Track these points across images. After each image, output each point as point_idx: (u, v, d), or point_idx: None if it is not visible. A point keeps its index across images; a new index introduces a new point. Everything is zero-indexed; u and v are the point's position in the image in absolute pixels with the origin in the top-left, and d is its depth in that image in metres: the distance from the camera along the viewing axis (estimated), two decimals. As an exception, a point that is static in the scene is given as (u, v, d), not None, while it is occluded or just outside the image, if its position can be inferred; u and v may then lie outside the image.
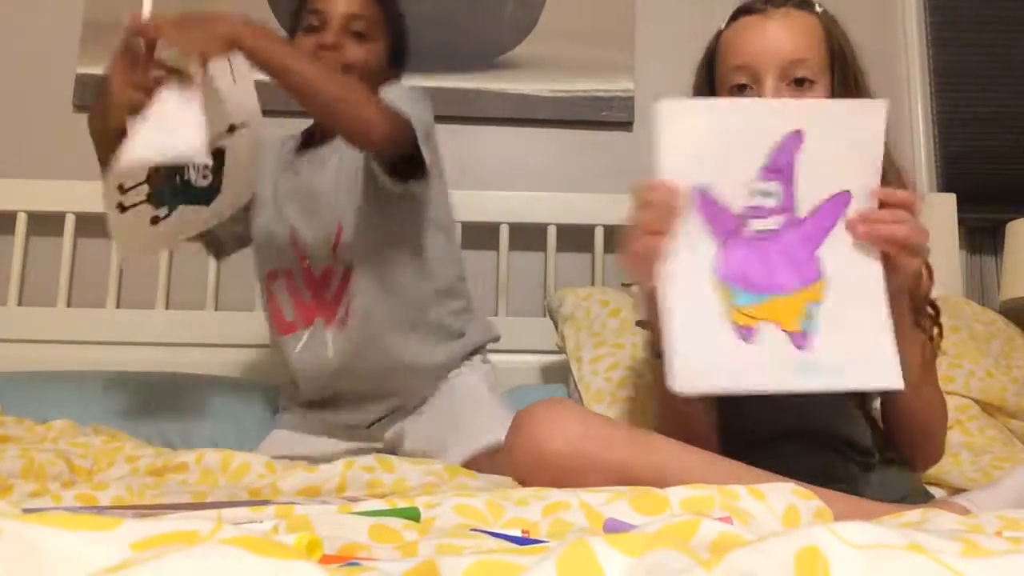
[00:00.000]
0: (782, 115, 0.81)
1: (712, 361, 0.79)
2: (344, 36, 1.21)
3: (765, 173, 0.80)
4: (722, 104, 0.88)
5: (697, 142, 0.80)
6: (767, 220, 0.81)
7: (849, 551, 0.30)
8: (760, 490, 0.56)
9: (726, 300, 0.80)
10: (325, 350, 1.23)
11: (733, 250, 0.80)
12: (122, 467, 0.92)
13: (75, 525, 0.30)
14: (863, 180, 0.79)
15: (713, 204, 0.81)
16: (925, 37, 2.03)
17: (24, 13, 1.94)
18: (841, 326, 0.78)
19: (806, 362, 0.78)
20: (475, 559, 0.30)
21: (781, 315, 0.79)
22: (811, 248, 0.80)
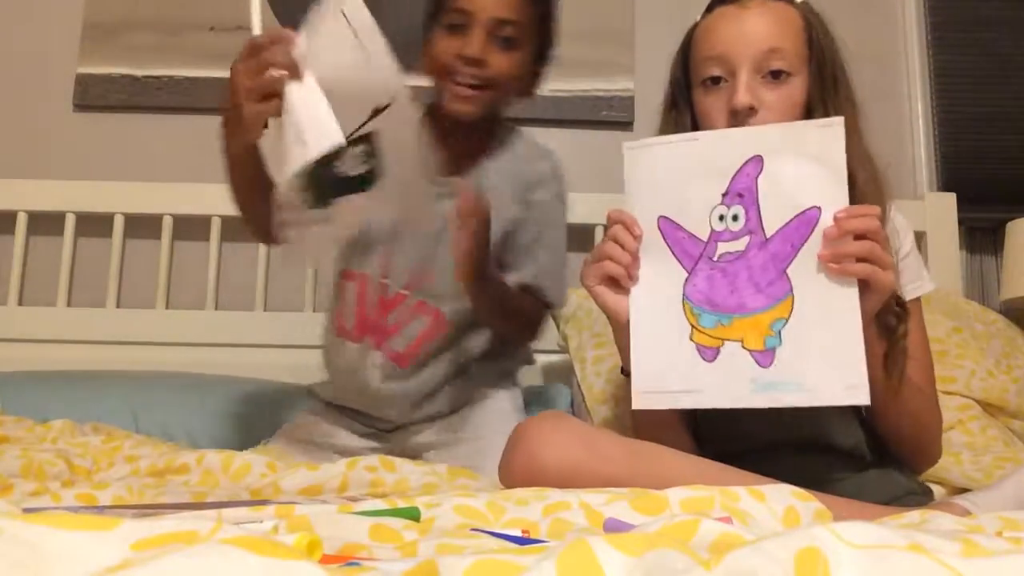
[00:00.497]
0: (738, 144, 0.83)
1: (672, 380, 0.82)
2: (490, 45, 1.08)
3: (728, 199, 0.83)
4: (679, 139, 0.89)
5: (657, 176, 0.86)
6: (733, 242, 0.82)
7: (849, 551, 0.30)
8: (760, 491, 0.56)
9: (691, 322, 0.83)
10: (367, 373, 1.19)
11: (700, 273, 0.84)
12: (122, 467, 0.92)
13: (75, 525, 0.30)
14: (831, 196, 0.79)
15: (678, 231, 0.85)
16: (925, 37, 2.03)
17: (24, 13, 1.94)
18: (806, 342, 0.78)
19: (767, 379, 0.79)
20: (475, 559, 0.30)
21: (745, 334, 0.81)
22: (779, 267, 0.80)
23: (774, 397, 0.79)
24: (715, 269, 0.83)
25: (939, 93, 2.01)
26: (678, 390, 0.82)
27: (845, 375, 0.76)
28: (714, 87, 0.92)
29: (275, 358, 1.72)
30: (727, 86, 0.91)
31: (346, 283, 1.23)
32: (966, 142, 2.00)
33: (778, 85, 0.90)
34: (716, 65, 0.92)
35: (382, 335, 1.20)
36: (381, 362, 1.19)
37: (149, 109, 1.91)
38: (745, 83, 0.89)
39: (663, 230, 0.85)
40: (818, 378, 0.77)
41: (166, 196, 1.82)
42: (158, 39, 1.92)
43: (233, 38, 1.93)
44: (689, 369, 0.82)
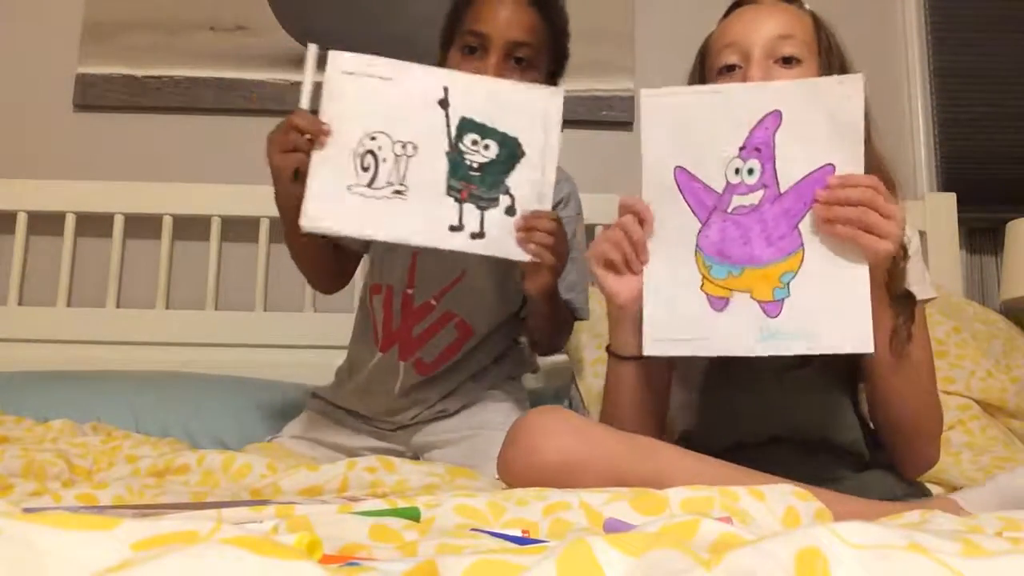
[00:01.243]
0: (758, 97, 0.84)
1: (681, 327, 0.85)
2: (506, 67, 1.12)
3: (745, 152, 0.84)
4: (699, 89, 0.91)
5: (676, 126, 0.86)
6: (748, 196, 0.84)
7: (849, 551, 0.30)
8: (760, 491, 0.56)
9: (702, 272, 0.85)
10: (392, 382, 1.21)
11: (713, 225, 0.85)
12: (122, 467, 0.92)
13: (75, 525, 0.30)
14: (846, 153, 0.81)
15: (694, 182, 0.86)
16: (925, 37, 2.03)
17: (24, 13, 1.94)
18: (814, 294, 0.80)
19: (774, 328, 0.81)
20: (475, 559, 0.30)
21: (754, 285, 0.83)
22: (791, 221, 0.82)
23: (780, 346, 0.81)
24: (728, 221, 0.84)
25: (939, 93, 2.01)
26: (687, 338, 0.85)
27: (851, 326, 0.79)
28: (728, 74, 0.95)
29: (275, 358, 1.72)
30: (741, 71, 0.94)
31: (373, 295, 1.25)
32: (966, 142, 2.00)
33: (789, 69, 0.92)
34: (731, 52, 0.94)
35: (409, 346, 1.21)
36: (405, 372, 1.21)
37: (149, 109, 1.91)
38: (758, 62, 0.92)
39: (679, 180, 0.86)
40: (824, 328, 0.80)
41: (166, 196, 1.82)
42: (158, 39, 1.92)
43: (233, 38, 1.93)
44: (698, 318, 0.84)
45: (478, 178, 1.01)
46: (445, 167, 1.01)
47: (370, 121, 1.01)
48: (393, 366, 1.21)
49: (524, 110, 1.02)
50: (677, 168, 0.86)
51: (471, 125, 1.02)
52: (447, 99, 1.01)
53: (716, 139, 0.85)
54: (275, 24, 1.93)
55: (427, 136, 1.01)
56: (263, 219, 1.78)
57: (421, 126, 1.01)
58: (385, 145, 1.01)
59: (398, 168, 1.00)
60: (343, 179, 1.00)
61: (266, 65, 1.92)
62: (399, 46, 1.76)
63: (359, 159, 1.00)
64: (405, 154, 1.01)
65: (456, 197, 1.00)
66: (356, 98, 1.02)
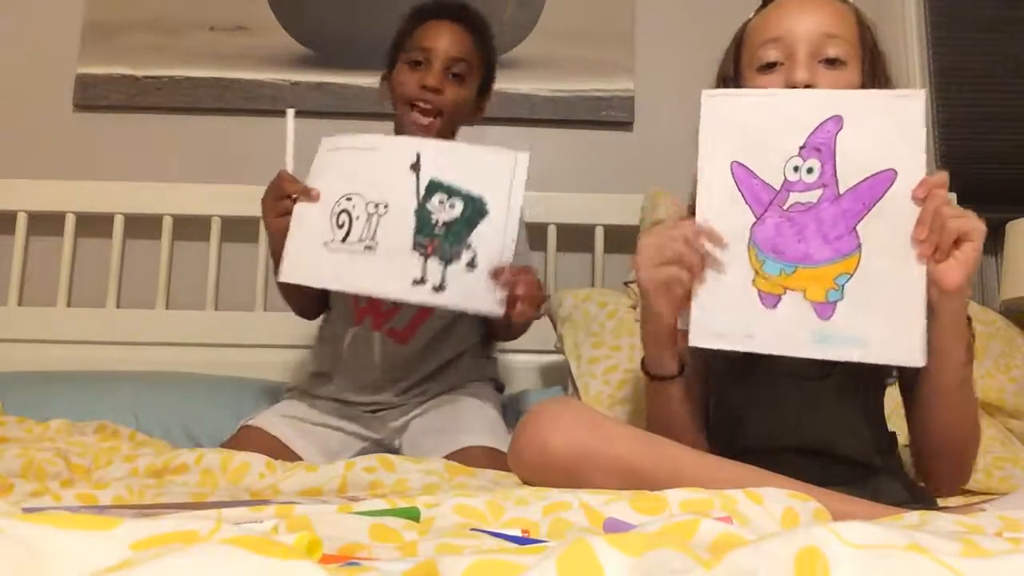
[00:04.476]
0: (819, 103, 0.84)
1: (730, 321, 0.83)
2: (445, 78, 1.27)
3: (805, 151, 0.83)
4: (761, 92, 0.90)
5: (735, 124, 0.86)
6: (806, 193, 0.83)
7: (849, 551, 0.30)
8: (757, 493, 0.56)
9: (754, 267, 0.84)
10: (371, 354, 1.29)
11: (768, 220, 0.84)
12: (121, 466, 0.92)
13: (75, 525, 0.30)
14: (908, 162, 0.80)
15: (752, 177, 0.85)
16: (925, 37, 2.03)
17: (24, 13, 1.94)
18: (868, 299, 0.79)
19: (826, 331, 0.80)
20: (475, 559, 0.30)
21: (808, 285, 0.82)
22: (849, 222, 0.81)
23: (832, 350, 0.80)
24: (784, 218, 0.83)
25: (939, 93, 2.01)
26: (734, 333, 0.83)
27: (904, 336, 0.77)
28: (769, 71, 0.93)
29: (275, 358, 1.72)
30: (783, 68, 0.91)
31: None
32: (966, 142, 2.00)
33: (834, 70, 0.91)
34: (774, 48, 0.92)
35: (380, 317, 1.29)
36: (381, 341, 1.29)
37: (149, 109, 1.91)
38: (803, 61, 0.90)
39: (736, 174, 0.86)
40: (877, 336, 0.78)
41: (166, 196, 1.82)
42: (158, 39, 1.92)
43: (233, 38, 1.93)
44: (748, 314, 0.83)
45: (442, 234, 1.08)
46: (412, 224, 1.09)
47: (349, 185, 1.12)
48: (368, 337, 1.29)
49: (490, 171, 1.09)
50: (734, 163, 0.86)
51: (439, 186, 1.09)
52: (419, 163, 1.10)
53: (776, 137, 0.85)
54: (275, 24, 1.93)
55: (398, 196, 1.10)
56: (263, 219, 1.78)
57: (393, 188, 1.10)
58: (359, 204, 1.10)
59: (370, 225, 1.10)
60: (320, 235, 1.10)
61: (266, 65, 1.92)
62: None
63: (335, 217, 1.11)
64: (377, 213, 1.10)
65: (422, 252, 1.08)
66: (341, 168, 1.13)
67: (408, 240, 1.08)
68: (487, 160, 1.10)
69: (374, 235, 1.09)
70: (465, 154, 1.11)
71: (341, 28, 1.93)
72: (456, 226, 1.08)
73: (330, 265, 1.09)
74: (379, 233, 1.09)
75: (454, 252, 1.08)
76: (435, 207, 1.09)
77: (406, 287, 1.07)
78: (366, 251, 1.08)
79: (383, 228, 1.09)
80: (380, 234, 1.09)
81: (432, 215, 1.08)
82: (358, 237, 1.09)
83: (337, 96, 1.89)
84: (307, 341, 1.72)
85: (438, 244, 1.07)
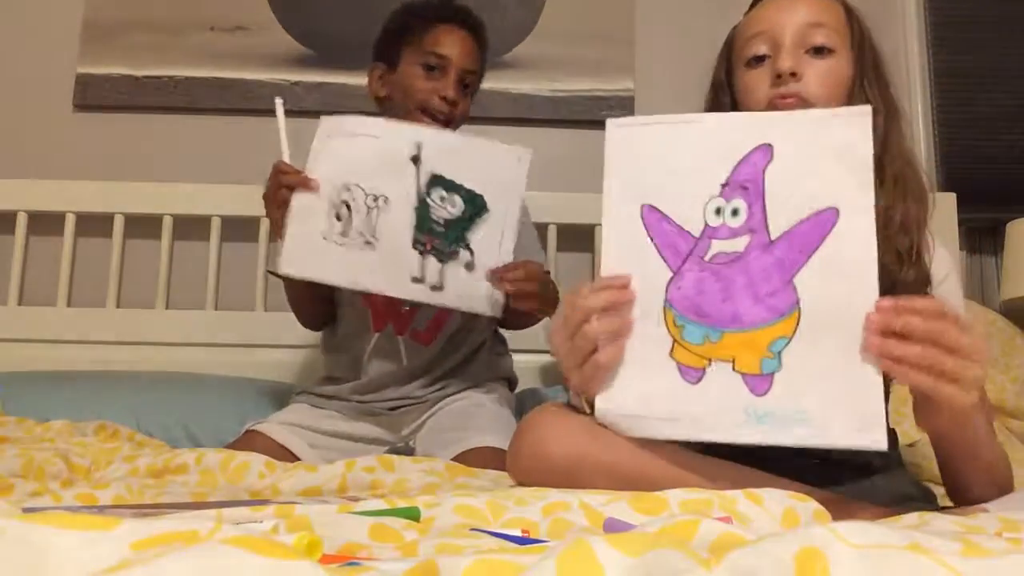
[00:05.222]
0: (745, 130, 0.72)
1: (645, 402, 0.71)
2: (458, 88, 1.28)
3: (728, 190, 0.71)
4: (674, 118, 0.76)
5: (647, 159, 0.74)
6: (731, 241, 0.70)
7: (849, 551, 0.30)
8: (757, 494, 0.56)
9: (672, 334, 0.71)
10: (398, 356, 1.27)
11: (687, 275, 0.71)
12: (121, 466, 0.92)
13: (75, 525, 0.30)
14: (851, 196, 0.67)
15: (665, 222, 0.72)
16: (925, 37, 2.03)
17: (24, 13, 1.94)
18: (812, 368, 0.66)
19: (764, 409, 0.67)
20: (475, 559, 0.30)
21: (737, 353, 0.69)
22: (786, 275, 0.68)
23: (770, 432, 0.67)
24: (706, 271, 0.70)
25: (939, 93, 2.01)
26: (652, 416, 0.71)
27: (858, 412, 0.65)
28: (758, 64, 0.91)
29: (275, 358, 1.72)
30: (770, 61, 0.90)
31: None
32: (966, 142, 2.00)
33: (821, 59, 0.89)
34: (760, 41, 0.91)
35: (401, 320, 1.28)
36: (406, 344, 1.28)
37: (149, 109, 1.91)
38: (788, 50, 0.88)
39: (646, 220, 0.73)
40: (824, 413, 0.66)
41: (166, 196, 1.82)
42: (158, 39, 1.92)
43: (233, 38, 1.93)
44: (668, 392, 0.70)
45: (441, 232, 1.07)
46: (412, 221, 1.08)
47: (348, 175, 1.09)
48: (393, 342, 1.27)
49: (492, 169, 1.08)
50: (645, 206, 0.73)
51: (440, 181, 1.08)
52: (419, 155, 1.08)
53: (694, 173, 0.72)
54: (275, 24, 1.93)
55: (398, 190, 1.08)
56: (263, 219, 1.78)
57: (393, 180, 1.08)
58: (359, 197, 1.09)
59: (369, 220, 1.08)
60: (319, 228, 1.09)
61: (266, 65, 1.92)
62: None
63: (335, 210, 1.09)
64: (376, 207, 1.09)
65: (420, 250, 1.08)
66: (340, 155, 1.10)
67: (407, 237, 1.07)
68: (489, 156, 1.08)
69: (374, 230, 1.08)
70: (467, 148, 1.10)
71: (341, 28, 1.93)
72: (456, 225, 1.07)
73: (328, 259, 1.08)
74: (379, 228, 1.08)
75: (452, 252, 1.08)
76: (435, 204, 1.08)
77: (404, 285, 1.07)
78: (365, 246, 1.08)
79: (383, 223, 1.08)
80: (380, 229, 1.08)
81: (432, 212, 1.08)
82: (358, 231, 1.08)
83: (337, 96, 1.89)
84: (307, 341, 1.72)
85: (437, 242, 1.07)
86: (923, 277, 0.88)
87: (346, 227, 1.09)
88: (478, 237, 1.07)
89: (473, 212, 1.07)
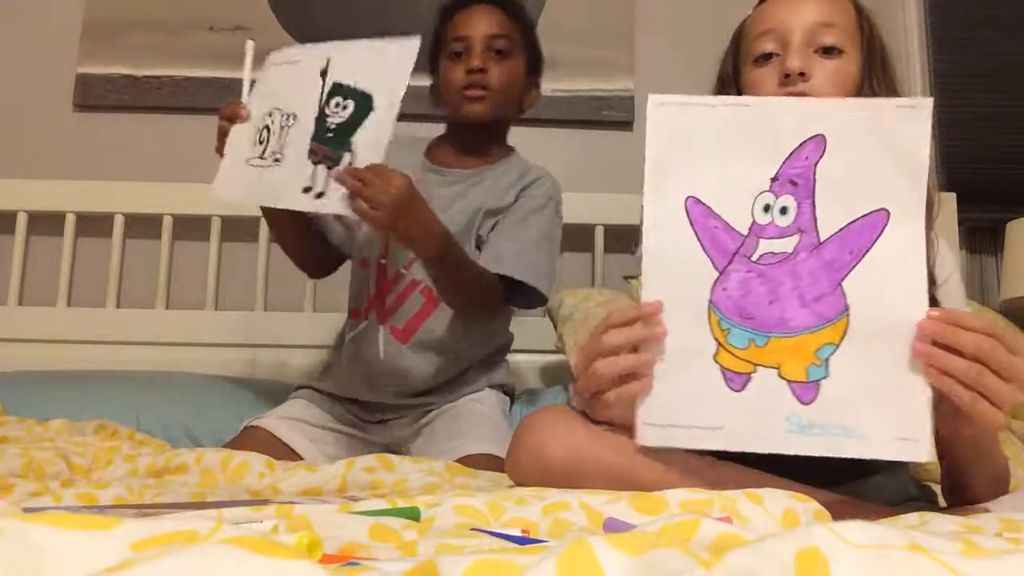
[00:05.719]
0: (797, 117, 0.68)
1: (688, 411, 0.68)
2: (488, 58, 1.26)
3: (778, 185, 0.67)
4: (723, 100, 0.74)
5: (692, 144, 0.70)
6: (779, 241, 0.67)
7: (849, 551, 0.30)
8: (757, 494, 0.56)
9: (717, 337, 0.68)
10: (375, 347, 1.26)
11: (733, 276, 0.68)
12: (121, 466, 0.92)
13: (75, 525, 0.30)
14: (902, 198, 0.64)
15: (711, 218, 0.69)
16: (925, 37, 2.03)
17: (24, 13, 1.94)
18: (860, 377, 0.64)
19: (807, 419, 0.65)
20: (475, 559, 0.30)
21: (784, 359, 0.66)
22: (835, 278, 0.65)
23: (814, 443, 0.65)
24: (753, 271, 0.67)
25: (939, 93, 2.01)
26: (696, 424, 0.67)
27: (904, 422, 0.63)
28: (765, 63, 0.90)
29: (275, 358, 1.72)
30: (778, 59, 0.89)
31: (359, 268, 1.33)
32: (966, 142, 2.00)
33: (830, 59, 0.88)
34: (769, 40, 0.90)
35: (384, 312, 1.28)
36: (384, 337, 1.26)
37: (149, 109, 1.91)
38: (797, 49, 0.87)
39: (691, 214, 0.69)
40: (871, 424, 0.63)
41: (166, 196, 1.82)
42: (158, 39, 1.92)
43: (233, 38, 1.93)
44: (711, 399, 0.67)
45: (331, 139, 1.05)
46: (311, 131, 1.07)
47: (272, 100, 1.12)
48: (373, 330, 1.27)
49: (382, 66, 1.05)
50: (690, 198, 0.69)
51: (339, 89, 1.07)
52: (327, 68, 1.09)
53: (741, 166, 0.68)
54: (275, 24, 1.93)
55: (304, 105, 1.09)
56: (263, 219, 1.78)
57: (302, 97, 1.09)
58: (276, 119, 1.11)
59: (280, 138, 1.10)
60: (244, 153, 1.11)
61: (266, 65, 1.92)
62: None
63: (258, 134, 1.11)
64: (287, 124, 1.10)
65: (313, 159, 1.06)
66: (270, 84, 1.14)
67: (305, 148, 1.07)
68: (379, 53, 1.06)
69: (283, 147, 1.09)
70: (362, 51, 1.08)
71: (340, 28, 1.93)
72: (345, 129, 1.05)
73: (248, 180, 1.10)
74: (286, 145, 1.09)
75: (336, 156, 1.04)
76: (331, 111, 1.07)
77: (296, 196, 1.06)
78: (274, 164, 1.09)
79: (289, 139, 1.09)
80: (287, 146, 1.09)
81: (328, 119, 1.07)
82: (271, 152, 1.09)
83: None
84: (308, 341, 1.72)
85: (327, 150, 1.06)
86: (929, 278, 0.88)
87: (264, 149, 1.10)
88: (361, 137, 1.03)
89: (361, 112, 1.05)
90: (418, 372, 1.27)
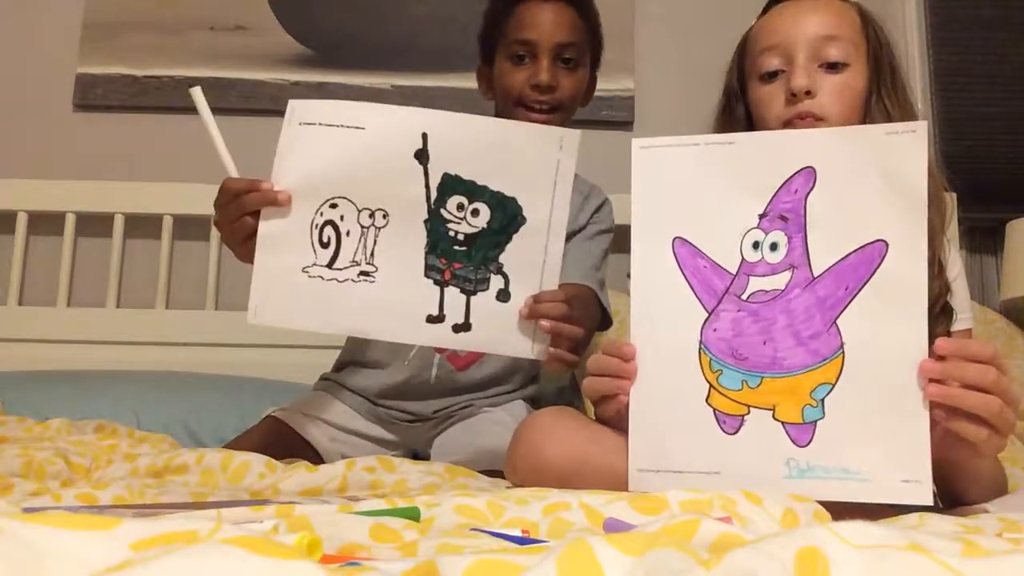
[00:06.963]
0: (785, 150, 0.67)
1: (681, 456, 0.67)
2: (556, 70, 1.14)
3: (767, 221, 0.67)
4: (707, 139, 0.72)
5: (677, 186, 0.69)
6: (770, 278, 0.66)
7: (849, 551, 0.30)
8: (757, 495, 0.56)
9: (708, 380, 0.67)
10: (427, 370, 1.21)
11: (724, 316, 0.67)
12: (121, 466, 0.92)
13: (75, 525, 0.30)
14: (902, 227, 0.62)
15: (699, 258, 0.68)
16: (925, 37, 2.03)
17: (24, 13, 1.94)
18: (857, 418, 0.63)
19: (807, 463, 0.64)
20: (475, 559, 0.30)
21: (778, 400, 0.65)
22: (828, 315, 0.64)
23: (815, 486, 0.62)
24: (744, 311, 0.66)
25: (939, 93, 2.01)
26: (692, 470, 0.66)
27: (904, 464, 0.61)
28: (771, 80, 0.90)
29: (275, 358, 1.72)
30: (784, 76, 0.89)
31: None
32: (966, 142, 2.00)
33: (836, 74, 0.88)
34: (774, 56, 0.89)
35: None
36: (439, 362, 1.21)
37: (149, 109, 1.91)
38: (802, 66, 0.87)
39: (679, 256, 0.68)
40: (871, 465, 0.62)
41: (166, 196, 1.82)
42: (158, 39, 1.92)
43: (233, 38, 1.93)
44: (705, 443, 0.66)
45: (464, 254, 0.83)
46: (423, 240, 0.83)
47: (331, 183, 0.84)
48: (428, 352, 1.20)
49: (527, 160, 0.82)
50: (676, 239, 0.68)
51: (456, 183, 0.82)
52: (426, 149, 0.82)
53: (729, 202, 0.67)
54: (275, 24, 1.93)
55: (401, 200, 0.83)
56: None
57: (394, 188, 0.83)
58: (349, 214, 0.84)
59: (365, 243, 0.84)
60: (297, 259, 0.83)
61: (266, 65, 1.92)
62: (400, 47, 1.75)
63: (317, 232, 0.84)
64: (374, 224, 0.84)
65: (437, 279, 0.83)
66: (314, 155, 0.84)
67: (419, 263, 0.83)
68: (521, 143, 0.82)
69: (371, 256, 0.84)
70: (490, 133, 0.83)
71: (341, 28, 1.93)
72: (483, 241, 0.83)
73: (314, 299, 0.84)
74: (379, 253, 0.84)
75: (480, 279, 0.83)
76: (452, 214, 0.83)
77: (417, 327, 0.83)
78: (362, 279, 0.84)
79: (383, 246, 0.83)
80: (380, 256, 0.84)
81: (449, 226, 0.83)
82: (350, 260, 0.84)
83: (337, 96, 1.88)
84: (308, 341, 1.72)
85: (459, 267, 0.83)
86: (944, 287, 0.88)
87: (334, 255, 0.84)
88: (513, 256, 0.83)
89: (505, 223, 0.83)
90: (466, 392, 1.24)
